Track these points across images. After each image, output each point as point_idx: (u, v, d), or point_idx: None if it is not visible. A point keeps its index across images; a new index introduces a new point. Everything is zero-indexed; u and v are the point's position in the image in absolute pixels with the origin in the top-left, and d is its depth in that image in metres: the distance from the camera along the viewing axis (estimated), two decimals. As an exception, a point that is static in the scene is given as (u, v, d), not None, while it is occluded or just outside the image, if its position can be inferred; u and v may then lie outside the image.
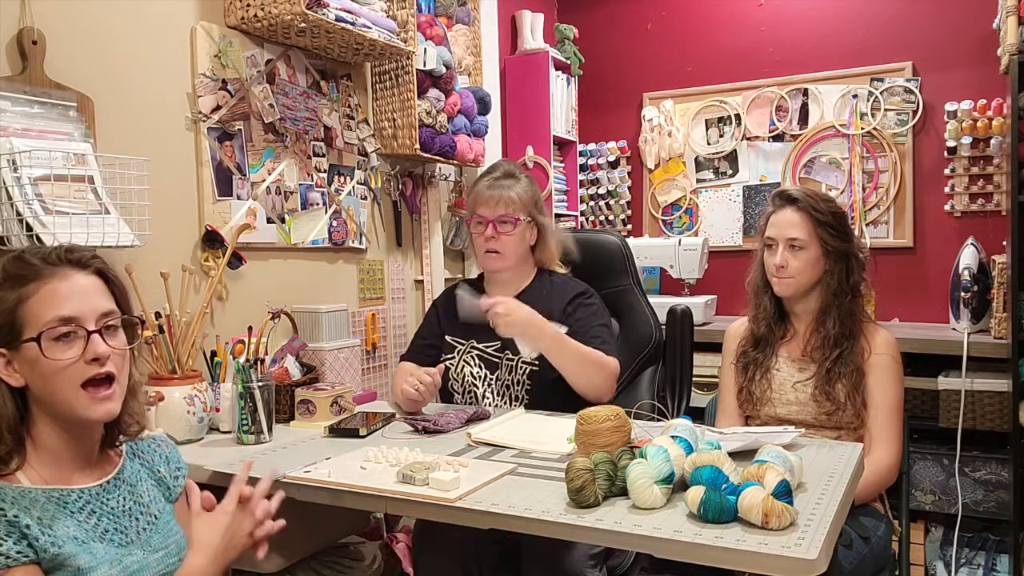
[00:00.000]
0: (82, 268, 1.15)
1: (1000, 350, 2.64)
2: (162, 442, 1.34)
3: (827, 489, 1.28)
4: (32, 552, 1.06)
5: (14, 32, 1.62)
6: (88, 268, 1.16)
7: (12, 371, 1.11)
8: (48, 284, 1.11)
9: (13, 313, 1.10)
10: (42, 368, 1.10)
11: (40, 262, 1.12)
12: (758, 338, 1.94)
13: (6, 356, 1.11)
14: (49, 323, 1.09)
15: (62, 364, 1.10)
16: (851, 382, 1.81)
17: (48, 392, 1.11)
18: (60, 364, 1.10)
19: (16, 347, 1.10)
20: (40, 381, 1.11)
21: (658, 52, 3.73)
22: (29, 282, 1.11)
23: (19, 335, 1.10)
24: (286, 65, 2.29)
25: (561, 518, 1.18)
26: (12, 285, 1.11)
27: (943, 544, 2.78)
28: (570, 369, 1.85)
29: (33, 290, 1.10)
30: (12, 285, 1.11)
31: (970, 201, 3.12)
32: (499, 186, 1.98)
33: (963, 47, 3.13)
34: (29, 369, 1.11)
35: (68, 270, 1.13)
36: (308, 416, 1.83)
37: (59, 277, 1.12)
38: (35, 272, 1.11)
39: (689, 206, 3.69)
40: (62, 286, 1.12)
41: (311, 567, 1.85)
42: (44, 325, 1.09)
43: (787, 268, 1.85)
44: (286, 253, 2.32)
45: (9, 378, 1.11)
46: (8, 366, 1.11)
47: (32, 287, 1.10)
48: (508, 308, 1.83)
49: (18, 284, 1.11)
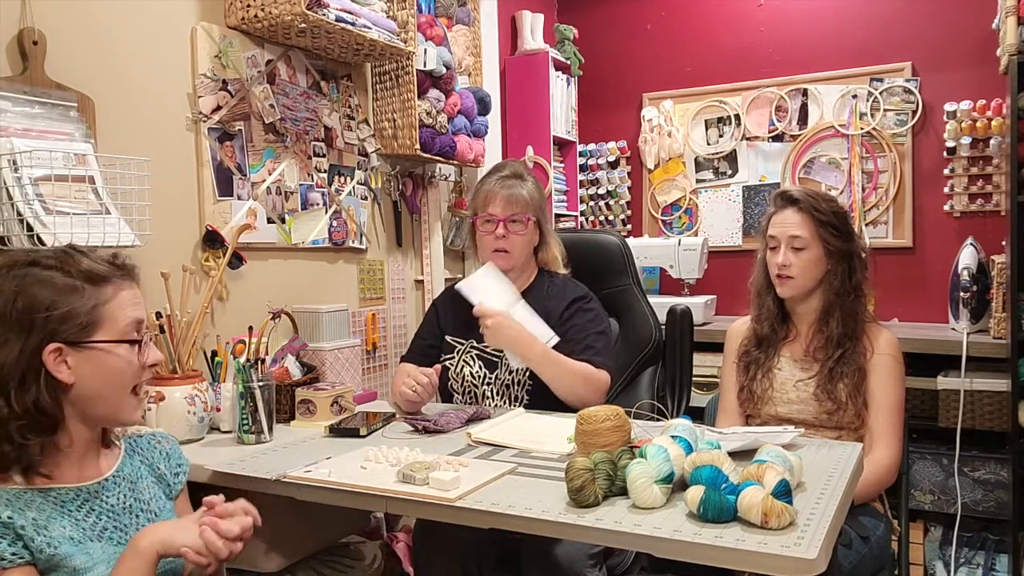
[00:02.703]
0: (134, 279, 1.21)
1: (999, 350, 2.64)
2: (162, 439, 1.34)
3: (827, 489, 1.28)
4: (28, 553, 1.06)
5: (14, 32, 1.62)
6: (136, 279, 1.21)
7: (62, 366, 1.11)
8: (124, 291, 1.17)
9: (91, 312, 1.13)
10: (106, 369, 1.13)
11: (110, 268, 1.16)
12: (760, 338, 1.95)
13: (62, 351, 1.11)
14: (130, 327, 1.16)
15: (131, 367, 1.16)
16: (853, 382, 1.81)
17: (98, 393, 1.14)
18: (129, 367, 1.16)
19: (81, 344, 1.12)
20: (95, 381, 1.13)
21: (658, 52, 3.73)
22: (107, 284, 1.15)
23: (90, 334, 1.12)
24: (286, 65, 2.29)
25: (561, 518, 1.19)
26: (90, 284, 1.13)
27: (942, 544, 2.78)
28: (557, 384, 1.87)
29: (112, 294, 1.15)
30: (90, 284, 1.13)
31: (969, 201, 3.12)
32: (510, 185, 1.98)
33: (963, 47, 3.14)
34: (87, 368, 1.12)
35: (129, 279, 1.19)
36: (308, 416, 1.84)
37: (128, 285, 1.18)
38: (110, 276, 1.16)
39: (689, 206, 3.70)
40: (131, 293, 1.18)
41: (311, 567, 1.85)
42: (126, 328, 1.15)
43: (790, 268, 1.85)
44: (286, 253, 2.32)
45: (58, 372, 1.11)
46: (58, 359, 1.11)
47: (111, 290, 1.15)
48: (497, 324, 1.84)
49: (96, 284, 1.14)
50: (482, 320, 1.86)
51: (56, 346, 1.10)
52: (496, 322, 1.84)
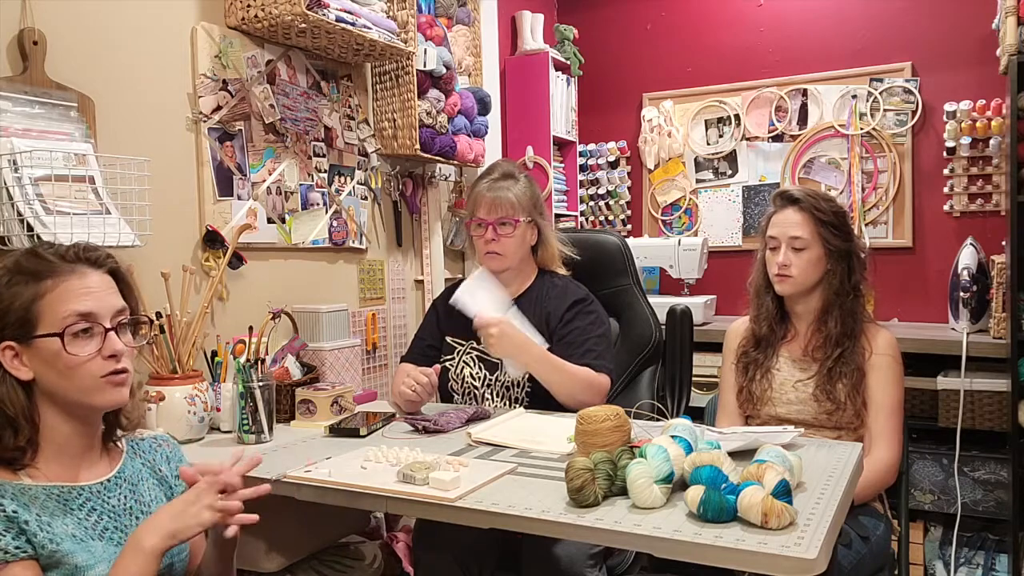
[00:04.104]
0: (97, 267, 1.17)
1: (999, 350, 2.64)
2: (164, 441, 1.34)
3: (826, 489, 1.28)
4: (30, 548, 1.06)
5: (15, 32, 1.62)
6: (103, 267, 1.18)
7: (19, 364, 1.12)
8: (66, 281, 1.13)
9: (28, 308, 1.11)
10: (61, 363, 1.12)
11: (57, 259, 1.14)
12: (759, 338, 1.95)
13: (15, 349, 1.12)
14: (69, 319, 1.11)
15: (82, 359, 1.12)
16: (851, 382, 1.81)
17: (63, 386, 1.13)
18: (80, 359, 1.12)
19: (28, 341, 1.12)
20: (55, 375, 1.13)
21: (658, 52, 3.73)
22: (46, 278, 1.12)
23: (33, 330, 1.11)
24: (286, 65, 2.29)
25: (561, 518, 1.19)
26: (28, 280, 1.12)
27: (942, 544, 2.78)
28: (558, 389, 1.86)
29: (51, 286, 1.12)
30: (28, 280, 1.12)
31: (969, 201, 3.12)
32: (498, 188, 1.97)
33: (962, 47, 3.14)
34: (42, 363, 1.12)
35: (85, 268, 1.15)
36: (308, 416, 1.84)
37: (77, 275, 1.14)
38: (52, 268, 1.13)
39: (689, 206, 3.70)
40: (80, 283, 1.14)
41: (311, 567, 1.85)
42: (64, 321, 1.11)
43: (789, 267, 1.86)
44: (287, 253, 2.33)
45: (16, 371, 1.12)
46: (15, 359, 1.12)
47: (50, 283, 1.12)
48: (502, 332, 1.83)
49: (35, 279, 1.12)
50: (484, 330, 1.84)
51: (7, 344, 1.11)
52: (501, 330, 1.83)
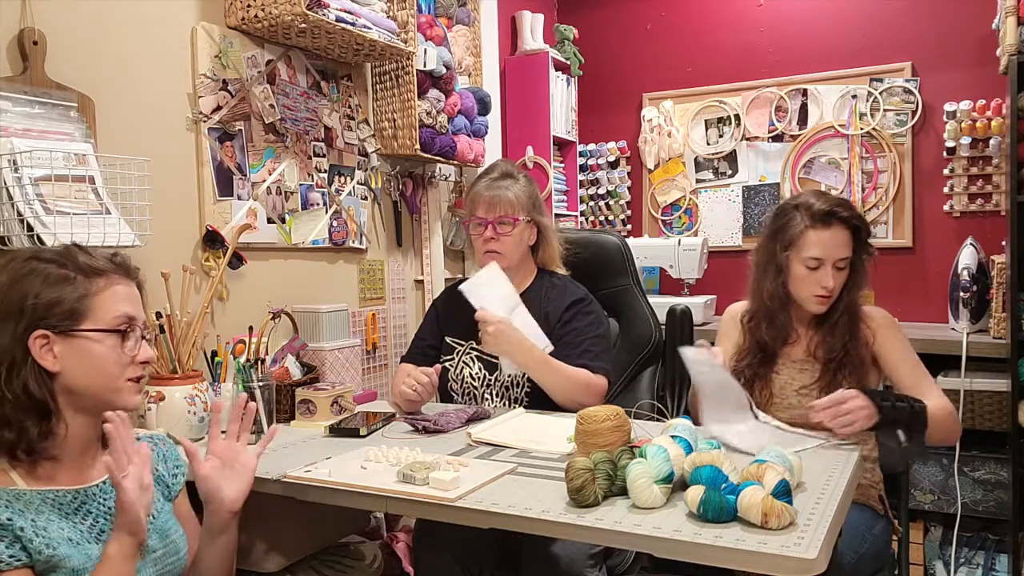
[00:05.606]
0: (132, 278, 1.23)
1: (999, 350, 2.64)
2: (160, 441, 1.35)
3: (827, 489, 1.28)
4: (26, 555, 1.06)
5: (15, 32, 1.62)
6: (135, 279, 1.24)
7: (48, 354, 1.13)
8: (116, 285, 1.20)
9: (79, 302, 1.15)
10: (96, 359, 1.15)
11: (107, 263, 1.19)
12: (762, 346, 1.89)
13: (48, 339, 1.13)
14: (120, 319, 1.18)
15: (119, 359, 1.17)
16: (856, 377, 1.79)
17: (90, 383, 1.16)
18: (115, 359, 1.17)
19: (68, 333, 1.14)
20: (85, 370, 1.15)
21: (658, 52, 3.73)
22: (99, 277, 1.18)
23: (79, 323, 1.14)
24: (286, 65, 2.29)
25: (561, 518, 1.19)
26: (83, 275, 1.16)
27: (942, 544, 2.78)
28: (555, 390, 1.87)
29: (104, 285, 1.18)
30: (83, 275, 1.16)
31: (969, 201, 3.13)
32: (497, 187, 1.98)
33: (962, 47, 3.14)
34: (75, 357, 1.14)
35: (126, 277, 1.22)
36: (308, 416, 1.84)
37: (123, 282, 1.21)
38: (104, 270, 1.19)
39: (688, 206, 3.70)
40: (125, 289, 1.21)
41: (311, 567, 1.85)
42: (116, 320, 1.17)
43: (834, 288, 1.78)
44: (287, 253, 2.33)
45: (43, 360, 1.13)
46: (44, 348, 1.13)
47: (102, 282, 1.18)
48: (499, 331, 1.84)
49: (88, 276, 1.16)
50: (483, 326, 1.86)
51: (42, 333, 1.12)
52: (497, 329, 1.84)
